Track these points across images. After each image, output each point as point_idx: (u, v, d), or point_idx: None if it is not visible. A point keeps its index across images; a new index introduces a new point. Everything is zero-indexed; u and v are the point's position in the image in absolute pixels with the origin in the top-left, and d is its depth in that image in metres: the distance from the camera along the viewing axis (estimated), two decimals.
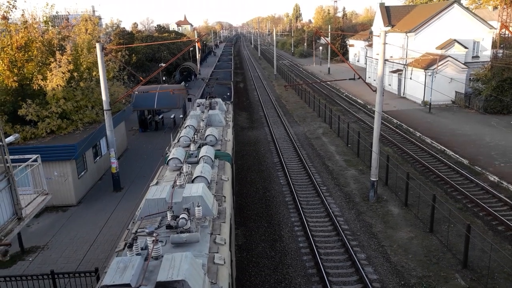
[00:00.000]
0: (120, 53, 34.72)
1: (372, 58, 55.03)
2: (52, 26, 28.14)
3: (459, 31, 41.87)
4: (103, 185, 22.88)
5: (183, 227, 7.50)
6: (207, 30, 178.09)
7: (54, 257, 15.69)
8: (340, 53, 41.17)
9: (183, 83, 49.11)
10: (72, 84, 23.00)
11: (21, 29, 22.55)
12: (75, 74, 23.03)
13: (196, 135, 15.08)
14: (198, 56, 70.79)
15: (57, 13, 28.42)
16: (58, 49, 23.85)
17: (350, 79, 21.92)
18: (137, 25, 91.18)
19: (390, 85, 48.58)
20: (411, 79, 40.19)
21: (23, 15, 23.14)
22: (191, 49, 70.47)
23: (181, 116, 34.51)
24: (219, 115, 18.18)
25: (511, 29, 39.57)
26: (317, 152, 28.44)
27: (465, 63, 40.71)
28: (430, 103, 38.69)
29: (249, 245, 16.62)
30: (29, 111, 20.77)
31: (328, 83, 56.33)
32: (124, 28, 65.66)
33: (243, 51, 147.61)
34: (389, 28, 48.58)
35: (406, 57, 42.57)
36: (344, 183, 22.72)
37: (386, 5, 52.53)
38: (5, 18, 21.88)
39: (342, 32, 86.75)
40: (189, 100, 35.77)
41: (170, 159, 12.07)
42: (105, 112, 20.89)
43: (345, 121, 32.96)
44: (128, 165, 25.49)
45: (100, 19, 56.25)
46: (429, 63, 39.81)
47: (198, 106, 20.62)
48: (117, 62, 30.14)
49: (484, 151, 26.28)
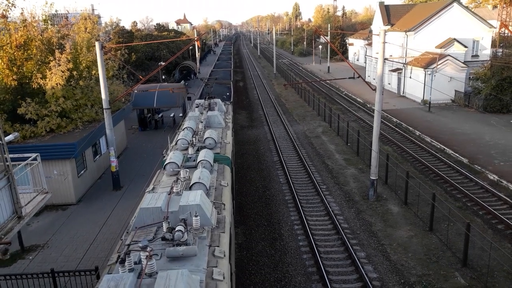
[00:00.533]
0: (119, 51, 34.68)
1: (371, 57, 55.02)
2: (51, 24, 28.12)
3: (459, 30, 41.88)
4: (103, 184, 22.87)
5: (179, 240, 7.12)
6: (206, 28, 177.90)
7: (54, 255, 15.69)
8: (339, 52, 41.18)
9: (182, 82, 49.14)
10: (71, 82, 22.98)
11: (20, 27, 22.52)
12: (75, 72, 23.02)
13: (194, 137, 14.71)
14: (197, 55, 70.74)
15: (56, 11, 28.29)
16: (57, 47, 23.83)
17: (349, 78, 21.89)
18: (137, 23, 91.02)
19: (389, 84, 48.58)
20: (410, 78, 40.22)
21: (22, 13, 23.10)
22: (190, 48, 70.41)
23: (181, 115, 34.50)
24: (218, 116, 17.84)
25: (510, 28, 39.56)
26: (317, 151, 28.44)
27: (464, 62, 40.72)
28: (429, 102, 38.71)
29: (249, 243, 16.63)
30: (29, 110, 20.75)
31: (327, 82, 56.31)
32: (123, 26, 65.54)
33: (243, 49, 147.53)
34: (389, 27, 48.56)
35: (405, 56, 42.57)
36: (343, 181, 22.73)
37: (385, 4, 52.52)
38: (4, 16, 21.84)
39: (341, 31, 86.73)
40: (189, 99, 35.75)
41: (167, 164, 11.70)
42: (104, 110, 20.87)
43: (345, 120, 32.97)
44: (127, 164, 25.49)
45: (99, 17, 56.15)
46: (428, 62, 39.81)
47: (196, 107, 20.28)
48: (117, 60, 30.10)
49: (483, 150, 26.30)
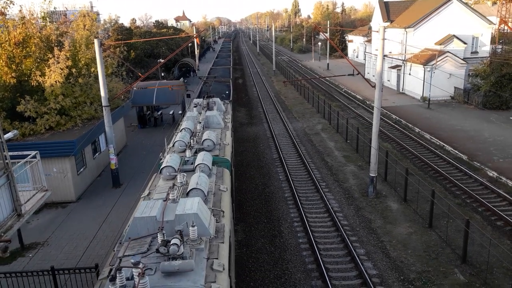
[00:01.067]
0: (118, 49, 34.58)
1: (371, 53, 54.96)
2: (50, 22, 28.01)
3: (458, 27, 41.81)
4: (103, 181, 22.87)
5: (175, 254, 6.73)
6: (205, 25, 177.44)
7: (54, 253, 15.71)
8: (339, 48, 41.12)
9: (181, 79, 49.07)
10: (70, 80, 22.94)
11: (19, 25, 22.45)
12: (74, 70, 22.97)
13: (192, 139, 14.31)
14: (196, 52, 70.56)
15: (55, 8, 28.25)
16: (56, 45, 23.76)
17: (349, 75, 21.94)
18: (136, 21, 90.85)
19: (389, 80, 48.55)
20: (410, 74, 40.23)
21: (20, 11, 23.06)
22: (189, 45, 70.26)
23: (180, 112, 34.44)
24: (217, 116, 17.43)
25: (510, 24, 39.51)
26: (316, 148, 28.44)
27: (464, 59, 40.68)
28: (429, 99, 38.70)
29: (249, 240, 16.65)
30: (28, 108, 20.72)
31: (327, 79, 56.26)
32: (122, 24, 65.33)
33: (242, 46, 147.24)
34: (388, 23, 48.49)
35: (405, 52, 42.54)
36: (343, 179, 22.74)
37: (385, 0, 52.41)
38: (3, 14, 21.78)
39: (341, 27, 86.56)
40: (188, 96, 35.65)
41: (163, 167, 11.25)
42: (103, 108, 20.83)
43: (344, 117, 32.96)
44: (127, 161, 25.48)
45: (98, 14, 55.99)
46: (428, 59, 39.78)
47: (195, 106, 19.84)
48: (116, 58, 30.04)
49: (483, 147, 26.31)
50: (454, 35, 41.41)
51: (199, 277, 6.59)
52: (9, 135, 11.55)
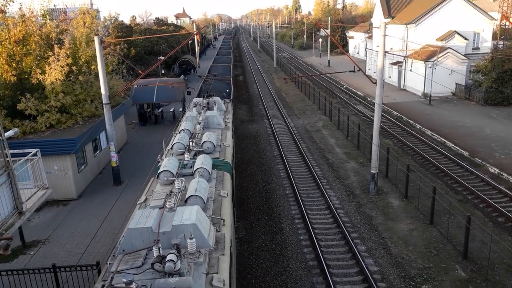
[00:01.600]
0: (118, 46, 34.54)
1: (372, 50, 54.80)
2: (50, 19, 27.96)
3: (460, 23, 41.62)
4: (103, 179, 22.89)
5: (171, 270, 6.30)
6: (206, 22, 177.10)
7: (55, 251, 15.74)
8: (340, 45, 41.00)
9: (182, 76, 49.02)
10: (71, 78, 22.92)
11: (19, 22, 22.40)
12: (74, 68, 22.95)
13: (191, 141, 13.81)
14: (197, 49, 70.46)
15: (54, 6, 28.24)
16: (56, 42, 23.73)
17: (350, 72, 21.78)
18: (136, 18, 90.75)
19: (390, 77, 48.43)
20: (411, 71, 40.06)
21: (20, 8, 22.98)
22: (190, 42, 70.14)
23: (181, 109, 34.39)
24: (217, 116, 17.05)
25: (511, 20, 39.35)
26: (317, 145, 28.41)
27: (465, 55, 40.54)
28: (430, 95, 38.60)
29: (250, 237, 16.67)
30: (28, 105, 20.71)
31: (328, 75, 56.15)
32: (122, 21, 65.33)
33: (242, 43, 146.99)
34: (389, 19, 48.27)
35: (406, 49, 42.39)
36: (344, 175, 22.73)
37: None
38: (3, 11, 21.73)
39: (341, 24, 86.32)
40: (189, 93, 35.62)
41: (160, 172, 10.83)
42: (104, 106, 20.83)
43: (345, 114, 32.91)
44: (128, 158, 25.49)
45: (98, 12, 55.94)
46: (429, 55, 39.64)
47: (194, 106, 19.46)
48: (116, 55, 30.01)
49: (484, 143, 26.26)
50: (455, 31, 41.24)
51: None
52: (9, 133, 11.56)
